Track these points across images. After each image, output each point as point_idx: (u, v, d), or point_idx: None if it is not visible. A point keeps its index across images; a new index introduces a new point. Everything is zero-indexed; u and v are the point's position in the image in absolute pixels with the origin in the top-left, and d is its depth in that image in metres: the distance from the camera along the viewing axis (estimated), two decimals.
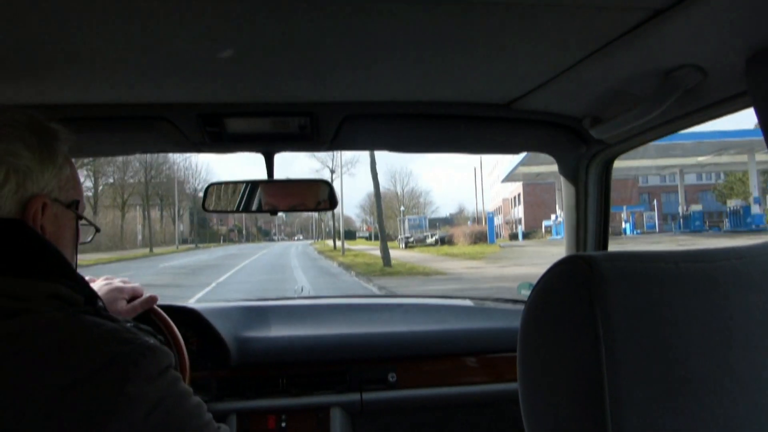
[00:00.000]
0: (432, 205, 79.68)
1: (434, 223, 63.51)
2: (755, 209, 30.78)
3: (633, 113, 1.25)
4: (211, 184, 1.74)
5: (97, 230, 1.09)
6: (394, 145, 1.77)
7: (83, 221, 1.00)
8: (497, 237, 45.30)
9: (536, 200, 53.33)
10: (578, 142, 1.62)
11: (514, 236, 48.94)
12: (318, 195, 1.73)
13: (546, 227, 45.76)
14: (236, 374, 1.84)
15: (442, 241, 40.77)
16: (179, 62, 1.13)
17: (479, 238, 38.59)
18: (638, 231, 42.26)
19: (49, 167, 0.90)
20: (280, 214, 1.82)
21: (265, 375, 1.86)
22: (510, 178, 42.79)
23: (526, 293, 2.12)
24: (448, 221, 74.96)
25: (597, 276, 0.58)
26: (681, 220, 39.97)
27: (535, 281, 0.66)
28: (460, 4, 0.88)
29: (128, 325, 0.84)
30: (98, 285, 1.36)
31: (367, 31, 0.99)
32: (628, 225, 44.42)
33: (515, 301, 2.30)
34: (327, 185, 1.73)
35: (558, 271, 0.62)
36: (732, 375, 0.58)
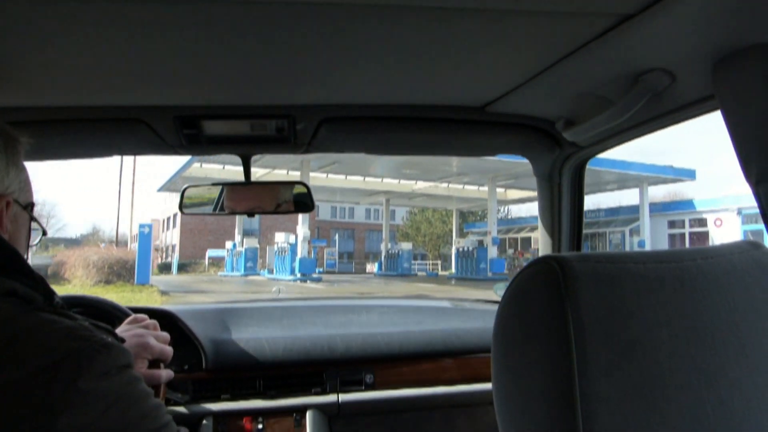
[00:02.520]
0: (58, 222, 58.09)
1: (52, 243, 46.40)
2: (492, 252, 27.65)
3: (604, 116, 1.27)
4: (188, 186, 1.74)
5: (44, 233, 1.10)
6: (371, 147, 1.78)
7: (35, 224, 1.01)
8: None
9: (198, 224, 42.21)
10: (552, 145, 1.64)
11: (165, 267, 38.17)
12: (294, 196, 1.73)
13: (212, 258, 37.37)
14: (212, 376, 1.83)
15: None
16: (156, 65, 1.14)
17: (120, 272, 21.97)
18: (320, 270, 34.09)
19: (13, 168, 0.92)
20: None
21: (242, 377, 1.85)
22: (170, 186, 29.98)
23: (501, 293, 2.08)
24: (75, 242, 51.18)
25: (568, 276, 0.59)
26: (384, 260, 36.12)
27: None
28: (435, 10, 0.89)
29: (86, 323, 0.84)
30: (126, 329, 1.29)
31: (343, 36, 1.00)
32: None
33: (493, 302, 2.31)
34: (303, 186, 1.74)
35: (530, 271, 0.64)
36: (698, 372, 0.60)
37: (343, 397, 1.88)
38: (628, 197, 40.01)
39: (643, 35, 0.95)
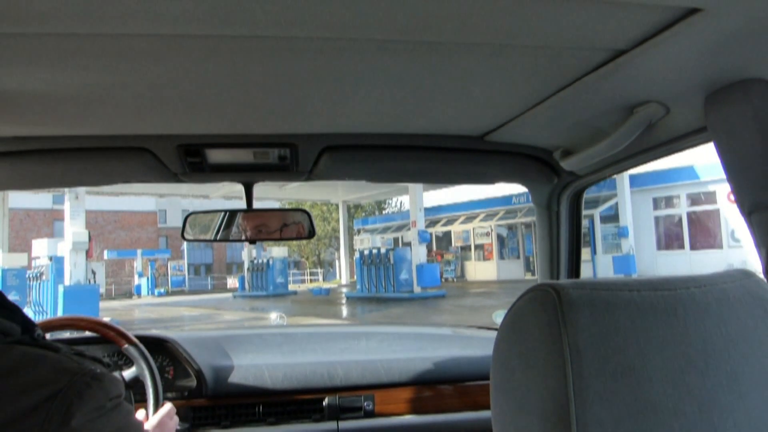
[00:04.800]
0: None
1: None
2: (420, 254, 19.84)
3: (601, 146, 1.31)
4: (191, 213, 1.74)
5: None
6: (371, 175, 1.80)
7: None
8: None
9: None
10: (550, 174, 1.67)
11: None
12: (296, 224, 1.74)
13: None
14: (212, 403, 1.83)
15: None
16: (160, 95, 1.15)
17: None
18: (161, 291, 30.42)
19: None
20: None
21: (241, 403, 1.85)
22: None
23: (500, 320, 2.12)
24: None
25: (564, 303, 0.61)
26: (249, 275, 27.53)
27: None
28: (434, 45, 0.92)
29: (71, 354, 0.79)
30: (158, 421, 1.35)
31: (345, 68, 1.02)
32: (145, 280, 31.64)
33: (491, 329, 2.32)
34: (306, 214, 1.75)
35: (528, 298, 0.65)
36: (692, 398, 0.61)
37: (343, 424, 1.88)
38: None
39: (637, 69, 0.98)
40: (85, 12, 0.77)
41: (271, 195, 25.87)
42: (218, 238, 1.72)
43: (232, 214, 1.71)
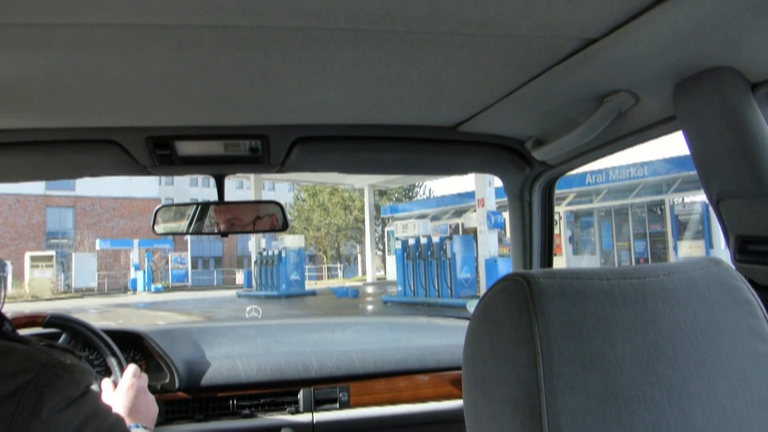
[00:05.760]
0: None
1: None
2: (490, 244, 14.24)
3: (571, 136, 1.32)
4: (161, 206, 1.73)
5: None
6: (344, 166, 1.80)
7: None
8: None
9: None
10: (522, 164, 1.68)
11: None
12: (270, 216, 1.74)
13: None
14: (186, 397, 1.81)
15: None
16: (128, 87, 1.13)
17: None
18: (159, 287, 27.05)
19: None
20: None
21: (215, 397, 1.84)
22: None
23: (473, 309, 2.13)
24: None
25: (535, 292, 0.61)
26: (256, 269, 21.79)
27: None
28: (404, 34, 0.92)
29: (41, 344, 0.81)
30: (124, 391, 1.31)
31: (316, 58, 1.01)
32: (141, 273, 28.13)
33: (466, 318, 2.31)
34: (278, 206, 1.75)
35: (499, 288, 0.66)
36: (661, 386, 0.62)
37: (318, 416, 1.88)
38: None
39: (607, 58, 0.99)
40: (48, 1, 0.76)
41: (283, 177, 23.43)
42: (191, 231, 1.71)
43: (205, 206, 1.71)
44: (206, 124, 1.43)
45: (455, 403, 1.97)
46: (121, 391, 1.30)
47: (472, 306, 2.26)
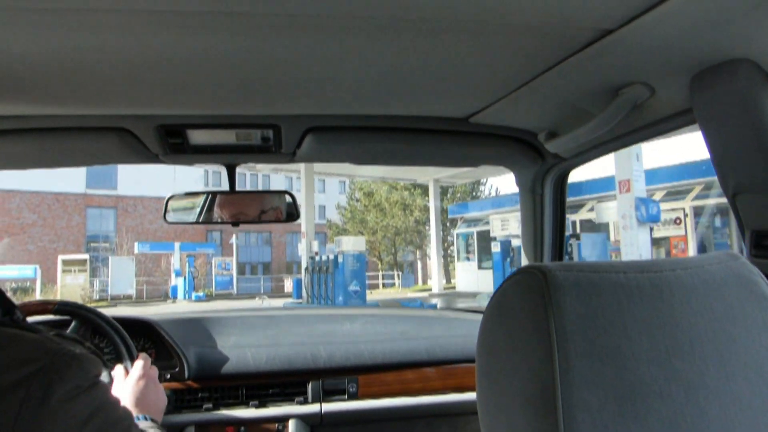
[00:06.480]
0: None
1: None
2: (643, 240, 10.51)
3: (586, 128, 1.30)
4: (172, 196, 1.74)
5: None
6: (355, 157, 1.79)
7: None
8: None
9: None
10: (534, 156, 1.67)
11: None
12: (280, 206, 1.74)
13: None
14: (194, 385, 1.82)
15: None
16: (140, 74, 1.13)
17: None
18: (200, 295, 24.58)
19: None
20: None
21: (224, 386, 1.85)
22: None
23: (485, 303, 2.12)
24: None
25: (551, 285, 0.60)
26: (307, 277, 16.83)
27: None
28: (419, 23, 0.91)
29: (51, 334, 0.81)
30: (134, 381, 1.32)
31: (329, 48, 1.01)
32: (182, 280, 25.66)
33: (476, 311, 2.32)
34: (290, 196, 1.75)
35: (514, 281, 0.65)
36: (678, 381, 0.61)
37: (326, 406, 1.89)
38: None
39: (623, 50, 0.98)
40: None
41: (344, 171, 21.84)
42: (201, 220, 1.72)
43: (215, 196, 1.72)
44: (218, 113, 1.43)
45: (464, 396, 1.96)
46: (131, 381, 1.31)
47: (483, 299, 2.23)
